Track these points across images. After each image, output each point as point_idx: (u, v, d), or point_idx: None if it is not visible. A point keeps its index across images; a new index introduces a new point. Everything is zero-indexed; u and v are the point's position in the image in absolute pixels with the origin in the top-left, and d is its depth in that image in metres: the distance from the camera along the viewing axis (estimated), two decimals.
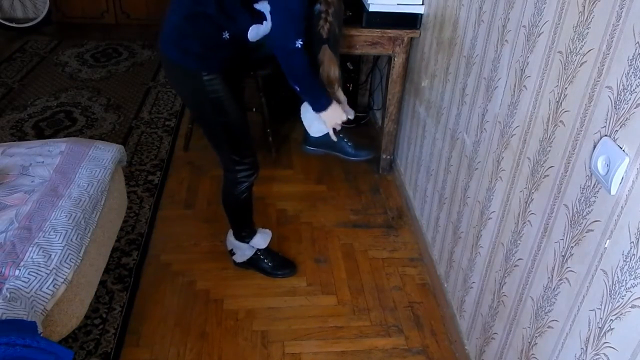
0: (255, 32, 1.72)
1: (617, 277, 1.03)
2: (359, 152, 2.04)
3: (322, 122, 1.94)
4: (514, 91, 1.49)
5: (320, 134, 1.99)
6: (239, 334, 1.93)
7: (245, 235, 2.13)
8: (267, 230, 2.21)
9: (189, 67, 1.72)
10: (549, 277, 1.29)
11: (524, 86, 1.43)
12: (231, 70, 1.79)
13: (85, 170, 1.84)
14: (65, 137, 2.83)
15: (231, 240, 2.17)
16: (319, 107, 1.82)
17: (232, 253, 2.19)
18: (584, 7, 1.15)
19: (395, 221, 2.55)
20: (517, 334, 1.46)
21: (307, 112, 1.95)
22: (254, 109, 2.88)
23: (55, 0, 4.76)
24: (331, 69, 1.84)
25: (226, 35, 1.68)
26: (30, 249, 1.49)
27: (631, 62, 0.99)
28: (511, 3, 1.52)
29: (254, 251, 2.15)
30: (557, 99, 1.26)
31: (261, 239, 2.14)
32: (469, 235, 1.81)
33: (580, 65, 1.17)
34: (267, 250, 2.17)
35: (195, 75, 1.72)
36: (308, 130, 2.01)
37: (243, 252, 2.15)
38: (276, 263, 2.18)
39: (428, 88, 2.32)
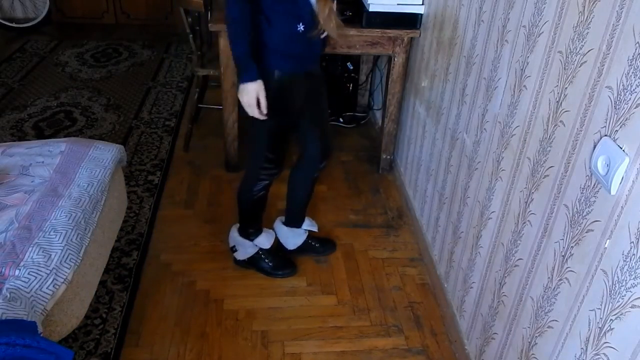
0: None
1: (617, 277, 1.03)
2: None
3: (297, 235, 2.22)
4: (514, 91, 1.49)
5: (296, 247, 2.24)
6: (239, 334, 1.93)
7: (252, 232, 2.14)
8: (272, 231, 2.21)
9: (266, 63, 1.72)
10: (549, 277, 1.29)
11: (524, 86, 1.43)
12: (302, 72, 1.81)
13: (85, 170, 1.85)
14: (65, 137, 2.83)
15: (234, 237, 2.17)
16: (238, 76, 1.75)
17: (233, 250, 2.19)
18: (584, 7, 1.15)
19: (395, 221, 2.55)
20: (517, 334, 1.46)
21: (280, 228, 2.24)
22: None
23: (55, 0, 4.76)
24: (324, 13, 1.71)
25: (300, 27, 1.68)
26: (30, 249, 1.49)
27: (631, 62, 0.99)
28: (511, 3, 1.52)
29: (257, 250, 2.16)
30: (557, 99, 1.26)
31: (266, 239, 2.15)
32: (469, 235, 1.81)
33: (580, 65, 1.17)
34: (268, 250, 2.17)
35: (267, 72, 1.73)
36: (285, 245, 2.25)
37: (245, 249, 2.16)
38: (276, 263, 2.18)
39: (428, 88, 2.32)
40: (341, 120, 3.38)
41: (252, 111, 1.73)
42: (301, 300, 2.08)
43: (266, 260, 2.17)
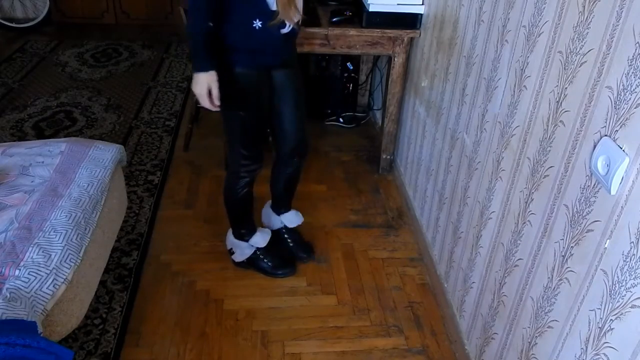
0: None
1: (617, 277, 1.03)
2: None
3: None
4: (514, 91, 1.49)
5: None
6: (239, 334, 1.93)
7: (244, 233, 2.13)
8: (267, 229, 2.21)
9: (225, 59, 1.73)
10: (549, 277, 1.29)
11: (524, 86, 1.43)
12: (263, 67, 1.79)
13: (85, 170, 1.85)
14: (65, 137, 2.83)
15: (231, 239, 2.17)
16: (193, 65, 1.72)
17: (231, 252, 2.19)
18: (584, 7, 1.15)
19: (395, 221, 2.55)
20: (517, 334, 1.46)
21: (266, 209, 2.25)
22: None
23: (55, 0, 4.76)
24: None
25: (257, 23, 1.68)
26: (30, 249, 1.49)
27: (631, 62, 0.99)
28: (511, 3, 1.52)
29: (253, 250, 2.16)
30: (557, 99, 1.26)
31: (261, 238, 2.15)
32: (469, 235, 1.81)
33: (580, 65, 1.17)
34: (266, 250, 2.17)
35: (228, 67, 1.73)
36: (268, 225, 2.27)
37: (242, 250, 2.16)
38: (276, 263, 2.18)
39: (428, 88, 2.32)
40: (341, 120, 3.38)
41: (204, 102, 1.72)
42: (301, 300, 2.08)
43: (265, 260, 2.17)
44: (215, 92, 1.70)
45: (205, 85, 1.69)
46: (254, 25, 1.68)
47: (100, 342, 1.85)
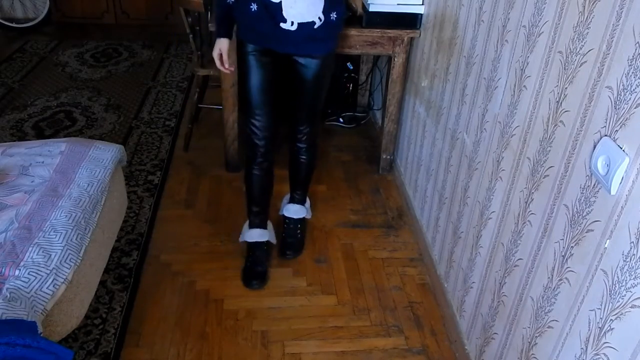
0: None
1: (617, 277, 1.03)
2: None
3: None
4: (514, 91, 1.49)
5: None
6: (239, 334, 1.93)
7: (248, 213, 2.20)
8: (259, 230, 2.20)
9: (237, 32, 1.96)
10: (549, 277, 1.29)
11: (524, 86, 1.43)
12: (262, 47, 1.89)
13: (85, 170, 1.85)
14: (65, 137, 2.83)
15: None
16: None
17: None
18: (584, 7, 1.15)
19: (395, 221, 2.55)
20: (517, 334, 1.46)
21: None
22: None
23: (55, 0, 4.76)
24: None
25: (253, 6, 1.80)
26: (30, 249, 1.49)
27: (631, 62, 0.99)
28: (511, 3, 1.52)
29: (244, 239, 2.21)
30: (557, 99, 1.26)
31: (248, 232, 2.19)
32: (469, 235, 1.81)
33: (580, 65, 1.17)
34: (251, 247, 2.19)
35: (239, 40, 1.94)
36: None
37: (243, 231, 2.23)
38: (248, 267, 2.16)
39: (428, 88, 2.32)
40: (341, 120, 3.39)
41: (217, 64, 2.00)
42: (301, 300, 2.08)
43: (247, 260, 2.18)
44: (225, 56, 1.98)
45: (217, 49, 1.97)
46: (251, 7, 1.80)
47: (100, 342, 1.85)
